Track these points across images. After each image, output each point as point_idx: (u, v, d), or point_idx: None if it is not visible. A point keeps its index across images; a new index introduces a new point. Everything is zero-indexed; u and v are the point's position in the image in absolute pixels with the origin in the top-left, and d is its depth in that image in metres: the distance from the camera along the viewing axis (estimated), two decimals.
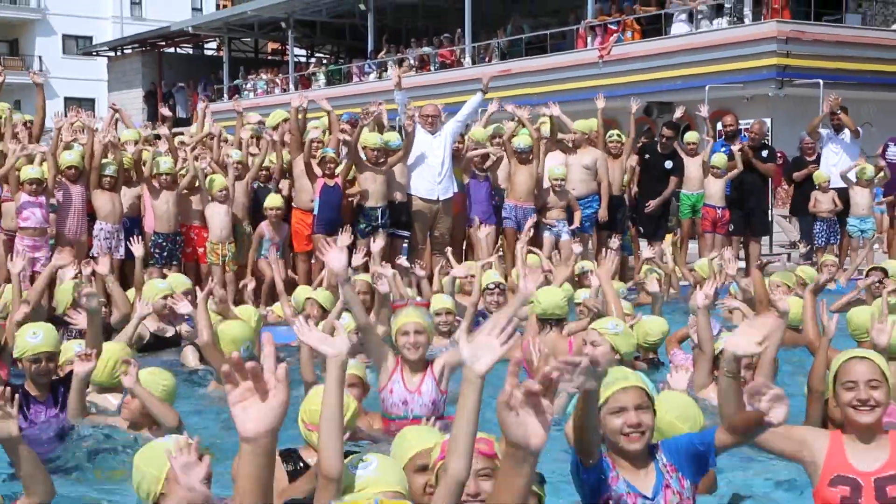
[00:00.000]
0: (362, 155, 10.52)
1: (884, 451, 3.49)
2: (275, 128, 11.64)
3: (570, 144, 11.64)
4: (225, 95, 33.09)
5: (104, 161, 9.95)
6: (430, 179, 10.81)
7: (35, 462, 3.42)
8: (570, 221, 11.30)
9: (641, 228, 12.26)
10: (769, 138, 16.19)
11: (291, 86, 30.66)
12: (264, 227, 10.34)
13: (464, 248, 11.47)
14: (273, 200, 10.31)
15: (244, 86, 32.90)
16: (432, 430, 3.57)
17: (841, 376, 3.56)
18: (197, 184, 10.26)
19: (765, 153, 12.80)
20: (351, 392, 5.15)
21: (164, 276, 9.94)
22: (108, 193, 9.96)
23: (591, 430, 3.12)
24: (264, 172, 10.80)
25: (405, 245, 11.04)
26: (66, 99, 44.51)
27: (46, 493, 3.44)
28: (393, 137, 10.90)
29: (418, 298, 8.67)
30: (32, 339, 5.17)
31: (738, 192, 12.52)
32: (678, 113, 12.67)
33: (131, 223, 10.28)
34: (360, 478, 2.88)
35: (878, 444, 3.50)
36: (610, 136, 11.79)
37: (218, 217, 10.21)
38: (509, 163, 11.28)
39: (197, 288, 7.21)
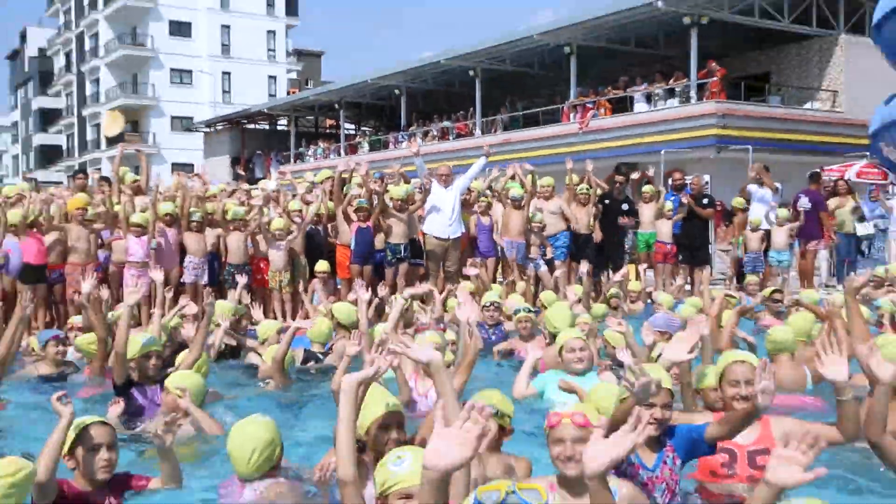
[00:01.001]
0: (389, 204, 10.62)
1: (756, 430, 3.54)
2: (321, 182, 11.81)
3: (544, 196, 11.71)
4: (292, 160, 33.49)
5: (192, 209, 10.09)
6: (443, 222, 10.82)
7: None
8: (544, 255, 11.33)
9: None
10: (710, 189, 16.10)
11: (343, 152, 30.93)
12: (316, 283, 10.11)
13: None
14: (321, 266, 10.10)
15: (307, 153, 33.20)
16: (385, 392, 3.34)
17: (727, 375, 3.67)
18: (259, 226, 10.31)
19: (705, 201, 12.76)
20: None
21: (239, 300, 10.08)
22: (195, 234, 10.07)
23: None
24: (315, 218, 10.88)
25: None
26: (172, 164, 45.16)
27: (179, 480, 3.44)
28: (409, 187, 11.02)
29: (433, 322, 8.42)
30: (144, 339, 5.30)
31: (686, 232, 12.46)
32: (634, 175, 12.67)
33: (212, 257, 10.38)
34: (393, 475, 2.48)
35: (752, 425, 3.53)
36: (580, 189, 11.80)
37: (277, 252, 10.26)
38: (504, 208, 11.33)
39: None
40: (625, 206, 12.22)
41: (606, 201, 12.16)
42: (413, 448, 2.62)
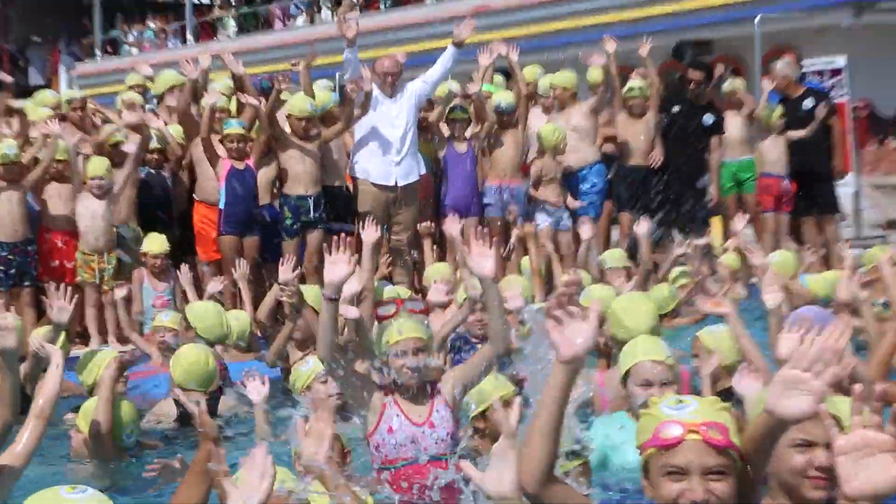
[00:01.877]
0: (286, 128, 10.61)
1: None
2: (161, 95, 11.85)
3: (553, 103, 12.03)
4: (97, 53, 32.93)
5: None
6: (386, 159, 10.87)
7: None
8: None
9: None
10: (847, 80, 16.26)
11: (190, 36, 30.49)
12: (144, 274, 10.27)
13: (433, 248, 11.50)
14: (154, 244, 10.28)
15: (125, 39, 32.71)
16: None
17: None
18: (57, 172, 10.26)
19: (809, 102, 12.80)
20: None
21: (8, 307, 9.93)
22: None
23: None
24: (156, 156, 10.85)
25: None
26: None
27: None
28: (327, 98, 11.00)
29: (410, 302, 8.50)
30: None
31: (799, 158, 12.61)
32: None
33: None
34: None
35: None
36: (630, 91, 11.95)
37: (92, 218, 10.20)
38: (481, 128, 11.51)
39: None
40: (707, 119, 12.31)
41: (675, 109, 12.26)
42: None
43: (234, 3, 32.82)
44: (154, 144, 10.84)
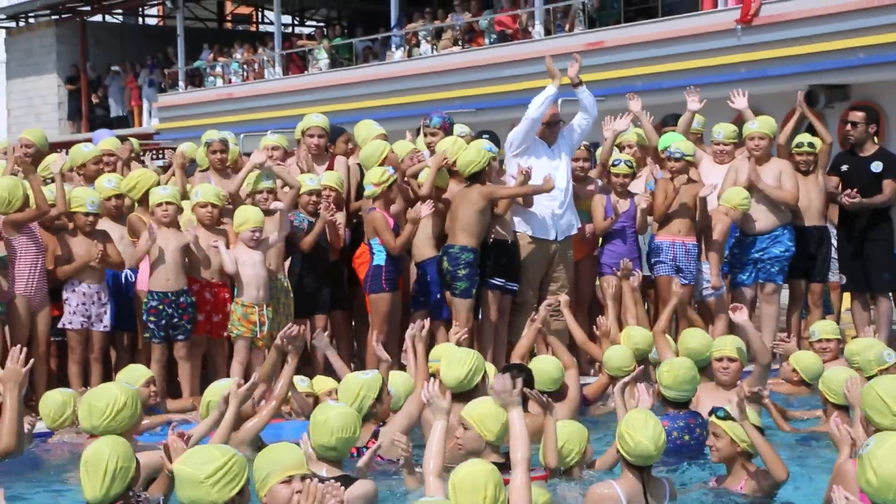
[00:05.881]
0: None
1: None
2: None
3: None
4: (181, 83, 33.21)
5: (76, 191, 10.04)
6: (548, 212, 10.83)
7: None
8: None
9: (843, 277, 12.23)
10: None
11: (278, 68, 30.69)
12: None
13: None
14: None
15: (209, 69, 32.98)
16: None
17: None
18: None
19: None
20: None
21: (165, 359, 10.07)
22: (85, 236, 10.00)
23: None
24: (314, 198, 10.68)
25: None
26: None
27: None
28: (484, 144, 10.82)
29: None
30: None
31: None
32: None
33: (114, 279, 10.37)
34: None
35: None
36: (798, 146, 11.81)
37: (254, 268, 10.12)
38: (654, 179, 11.46)
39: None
40: (875, 167, 12.00)
41: (844, 167, 12.09)
42: None
43: (327, 35, 32.98)
44: (314, 185, 10.71)
